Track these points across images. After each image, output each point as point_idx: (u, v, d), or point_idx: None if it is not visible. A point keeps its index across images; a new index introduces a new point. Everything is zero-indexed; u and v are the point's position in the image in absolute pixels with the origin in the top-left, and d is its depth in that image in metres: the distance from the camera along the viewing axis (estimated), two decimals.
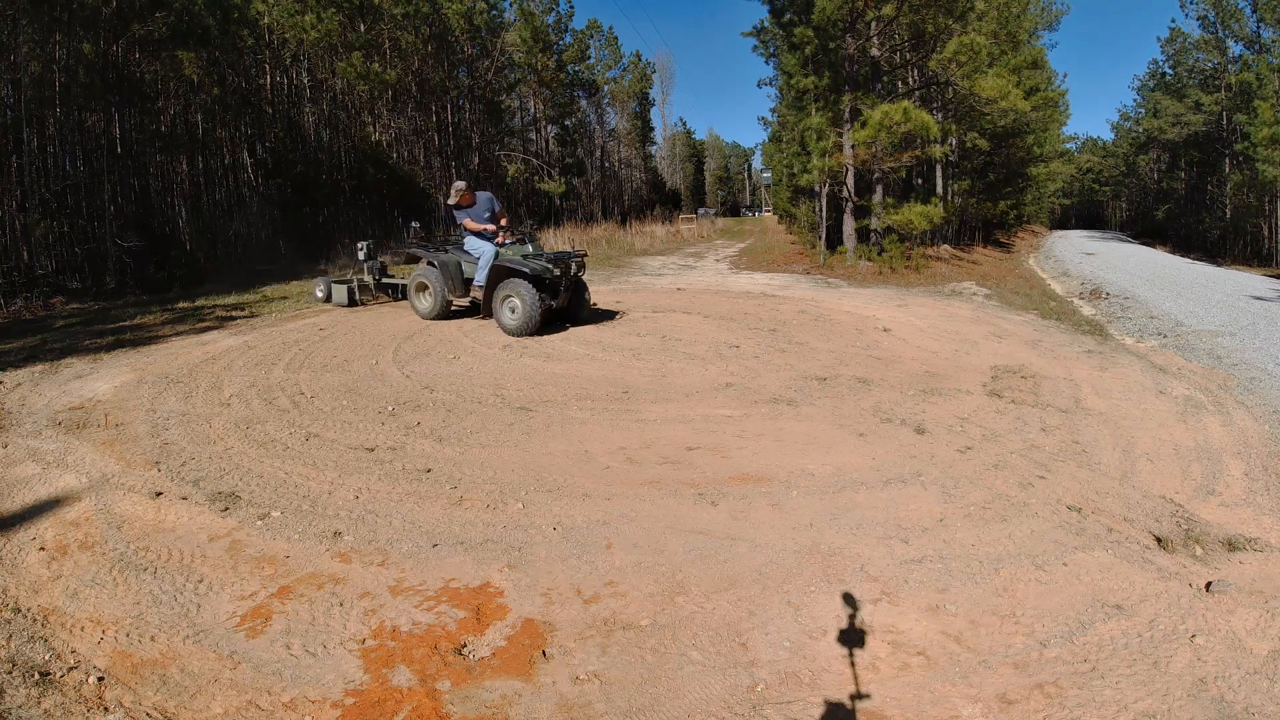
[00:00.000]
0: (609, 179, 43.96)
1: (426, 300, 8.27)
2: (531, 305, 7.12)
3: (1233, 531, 3.29)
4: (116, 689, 2.22)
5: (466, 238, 7.95)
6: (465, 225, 7.82)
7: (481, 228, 7.79)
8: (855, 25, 14.63)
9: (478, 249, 7.80)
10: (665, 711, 2.15)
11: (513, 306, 7.29)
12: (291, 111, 19.78)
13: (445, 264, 7.98)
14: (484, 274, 7.58)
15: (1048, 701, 2.18)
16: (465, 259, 8.02)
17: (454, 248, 8.21)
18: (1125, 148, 51.56)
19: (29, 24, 11.52)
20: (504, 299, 7.32)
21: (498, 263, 7.41)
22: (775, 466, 4.03)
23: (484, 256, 7.65)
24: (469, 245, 7.95)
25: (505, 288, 7.28)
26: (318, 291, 9.74)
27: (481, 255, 7.70)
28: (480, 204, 7.91)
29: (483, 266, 7.64)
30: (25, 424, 4.64)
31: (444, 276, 7.99)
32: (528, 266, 7.22)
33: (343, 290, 9.43)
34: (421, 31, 22.61)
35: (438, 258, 8.04)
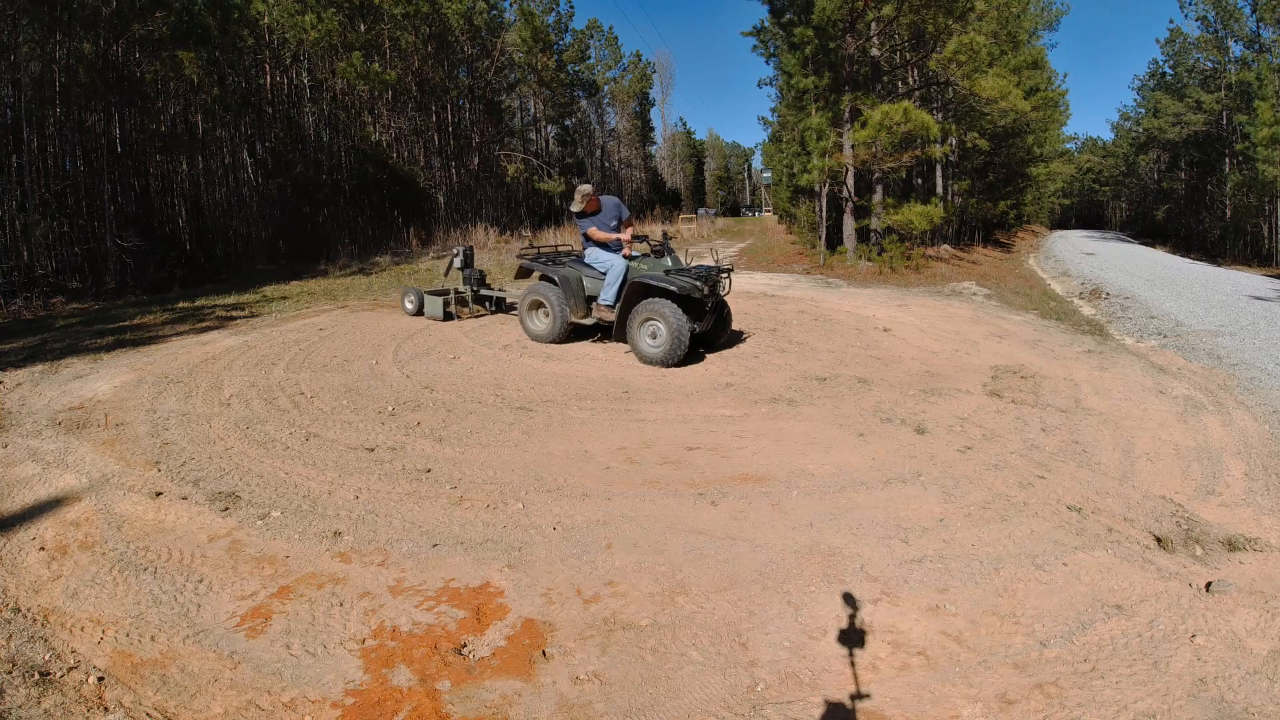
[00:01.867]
0: (609, 179, 43.95)
1: (541, 320, 7.22)
2: (679, 330, 6.03)
3: (1233, 531, 3.29)
4: (116, 689, 2.22)
5: (589, 249, 6.98)
6: (590, 235, 6.86)
7: (609, 237, 6.82)
8: (855, 25, 14.63)
9: (604, 262, 6.76)
10: (665, 711, 2.15)
11: (654, 331, 6.21)
12: (291, 111, 19.78)
13: (568, 280, 6.85)
14: (613, 291, 6.57)
15: (1048, 701, 2.18)
16: (587, 274, 6.96)
17: (572, 260, 7.20)
18: (1125, 148, 51.57)
19: (29, 24, 11.52)
20: (643, 322, 6.25)
21: (637, 279, 6.33)
22: (775, 466, 4.03)
23: (612, 271, 6.60)
24: (592, 258, 6.93)
25: (645, 309, 6.20)
26: (407, 303, 8.68)
27: (609, 270, 6.63)
28: (606, 210, 6.97)
29: (611, 283, 6.58)
30: (25, 424, 4.64)
31: (566, 294, 6.86)
32: (673, 283, 6.12)
33: (438, 303, 8.33)
34: (421, 31, 22.62)
35: (558, 272, 6.93)
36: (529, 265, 7.38)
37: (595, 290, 6.85)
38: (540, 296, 7.09)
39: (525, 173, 29.08)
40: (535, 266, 7.26)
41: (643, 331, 6.30)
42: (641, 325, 6.29)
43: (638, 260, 6.69)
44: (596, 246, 6.91)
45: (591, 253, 6.95)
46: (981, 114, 18.22)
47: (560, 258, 7.39)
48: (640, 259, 6.73)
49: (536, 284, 7.21)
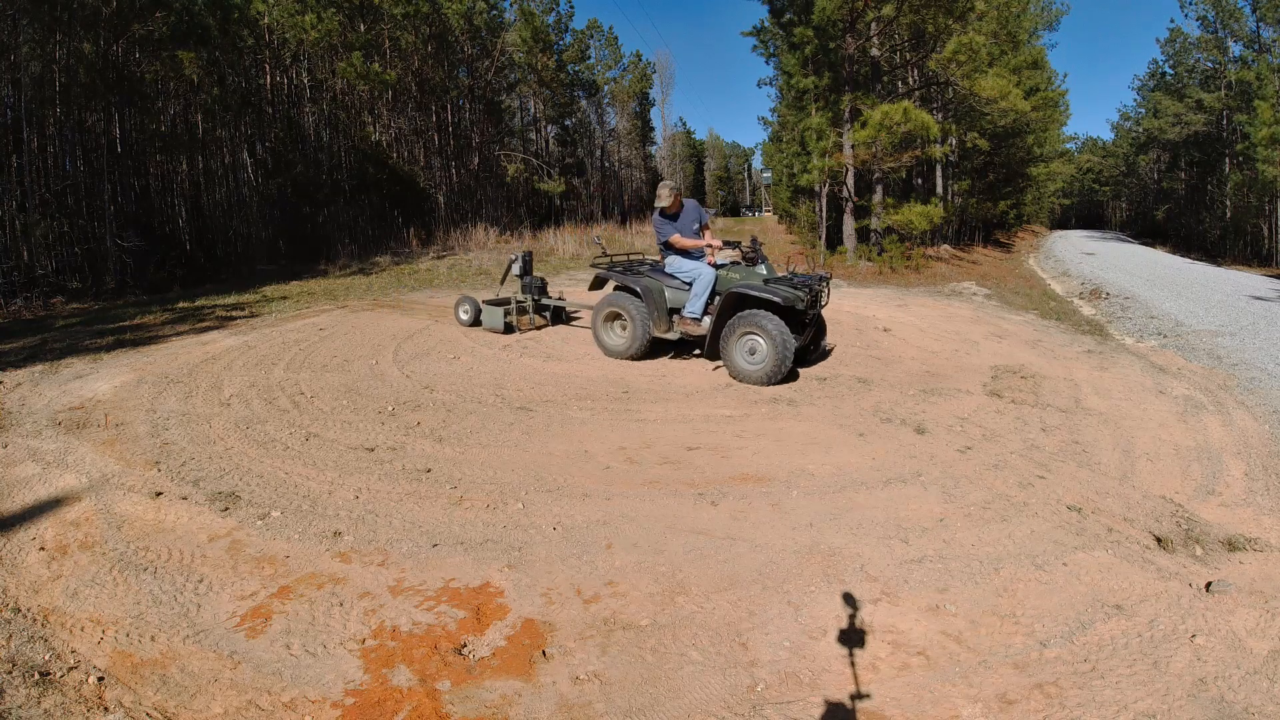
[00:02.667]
0: (609, 179, 43.95)
1: (619, 335, 6.60)
2: (784, 346, 5.47)
3: (1233, 531, 3.29)
4: (116, 689, 2.22)
5: (669, 257, 6.42)
6: (673, 242, 6.28)
7: (696, 244, 6.26)
8: (855, 25, 14.63)
9: (688, 271, 6.25)
10: (665, 711, 2.15)
11: (753, 347, 5.66)
12: (291, 111, 19.78)
13: (650, 290, 6.29)
14: (700, 303, 6.08)
15: (1048, 701, 2.18)
16: (669, 284, 6.40)
17: (650, 268, 6.68)
18: (1125, 148, 51.55)
19: (29, 24, 11.52)
20: (741, 336, 5.69)
21: (735, 289, 5.78)
22: (775, 466, 4.03)
23: (699, 281, 6.07)
24: (674, 266, 6.39)
25: (744, 323, 5.65)
26: (461, 314, 8.04)
27: (696, 279, 6.12)
28: (686, 213, 6.39)
29: (699, 294, 6.07)
30: (25, 424, 4.64)
31: (649, 306, 6.29)
32: (776, 294, 5.55)
33: (497, 314, 7.65)
34: (421, 31, 22.62)
35: (639, 282, 6.34)
36: (607, 275, 6.77)
37: (677, 302, 6.32)
38: (619, 308, 6.47)
39: (525, 173, 29.07)
40: (613, 276, 6.64)
41: (740, 347, 5.73)
42: (739, 340, 5.71)
43: (725, 268, 6.12)
44: (677, 254, 6.36)
45: (673, 261, 6.39)
46: (981, 114, 18.22)
47: (638, 266, 6.86)
48: (728, 267, 6.14)
49: (613, 294, 6.59)
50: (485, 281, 13.08)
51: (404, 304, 10.11)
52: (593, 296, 7.28)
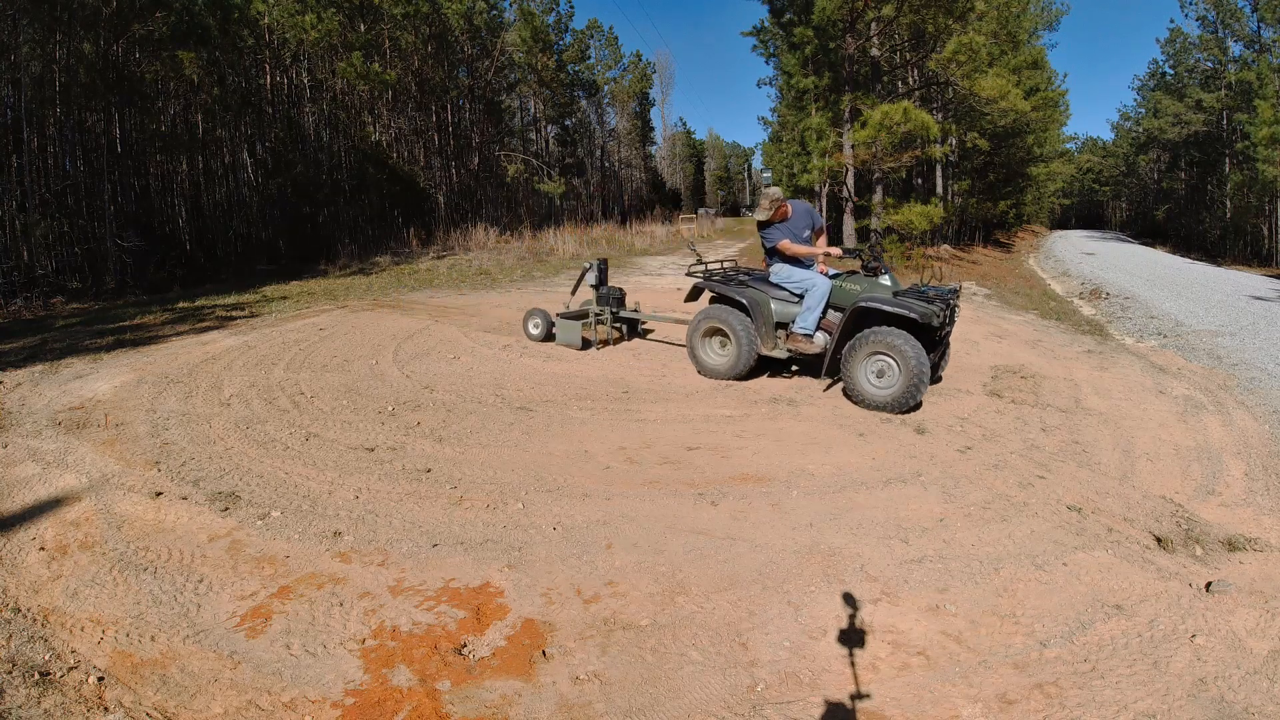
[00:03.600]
0: (609, 179, 43.96)
1: (719, 353, 5.98)
2: (919, 368, 4.85)
3: (1233, 531, 3.29)
4: (116, 689, 2.22)
5: (776, 266, 5.77)
6: (782, 249, 5.63)
7: (811, 251, 5.63)
8: (855, 25, 14.63)
9: (799, 281, 5.60)
10: (665, 711, 2.15)
11: (882, 369, 5.03)
12: (291, 111, 19.78)
13: (756, 303, 5.69)
14: (813, 318, 5.47)
15: (1048, 701, 2.18)
16: (775, 295, 5.77)
17: (753, 278, 5.98)
18: (1125, 148, 51.57)
19: (29, 24, 11.52)
20: (868, 356, 5.06)
21: (863, 303, 5.13)
22: (775, 466, 4.03)
23: (813, 293, 5.45)
24: (781, 275, 5.73)
25: (872, 341, 5.02)
26: (531, 328, 7.37)
27: (809, 291, 5.49)
28: (797, 217, 5.77)
29: (811, 307, 5.46)
30: (25, 424, 4.64)
31: (756, 320, 5.69)
32: (912, 309, 4.91)
33: (574, 328, 6.98)
34: (421, 31, 22.63)
35: (745, 294, 5.73)
36: (709, 286, 6.05)
37: (784, 315, 5.70)
38: (720, 323, 5.84)
39: (525, 173, 29.08)
40: (715, 287, 5.96)
41: (866, 368, 5.09)
42: (865, 360, 5.07)
43: (841, 279, 5.49)
44: (786, 263, 5.73)
45: (781, 270, 5.73)
46: (981, 114, 18.22)
47: (739, 275, 6.19)
48: (844, 277, 5.51)
49: (713, 307, 5.98)
50: (485, 282, 13.08)
51: (404, 304, 10.11)
52: (657, 303, 7.01)
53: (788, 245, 5.61)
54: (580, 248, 19.23)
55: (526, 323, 7.47)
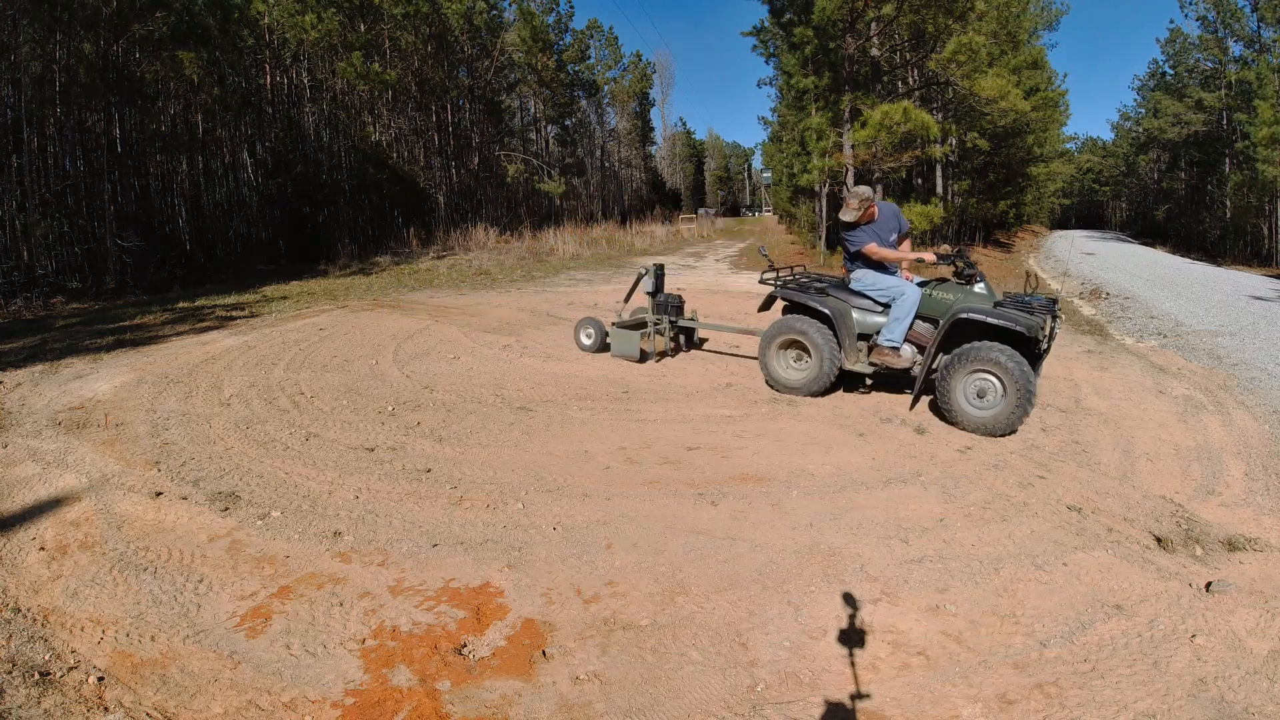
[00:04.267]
0: (609, 179, 43.96)
1: (795, 367, 5.50)
2: (1025, 389, 4.42)
3: (1233, 531, 3.29)
4: (116, 689, 2.22)
5: (858, 272, 5.32)
6: (869, 252, 5.15)
7: (902, 256, 5.24)
8: (855, 25, 14.63)
9: (885, 290, 5.16)
10: (665, 711, 2.15)
11: (983, 389, 4.57)
12: (291, 111, 19.79)
13: (839, 314, 5.24)
14: (901, 329, 4.99)
15: (1048, 701, 2.18)
16: (857, 304, 5.30)
17: (831, 286, 5.51)
18: (1125, 148, 51.59)
19: (29, 24, 11.52)
20: (969, 374, 4.59)
21: (963, 315, 4.66)
22: (775, 466, 4.03)
23: (902, 302, 5.00)
24: (865, 282, 5.27)
25: (974, 357, 4.55)
26: (583, 339, 6.96)
27: (896, 300, 5.04)
28: (883, 219, 5.29)
29: (900, 317, 4.99)
30: (25, 424, 4.64)
31: (841, 332, 5.22)
32: (1017, 322, 4.47)
33: (631, 339, 6.49)
34: (421, 31, 22.63)
35: (825, 303, 5.27)
36: (785, 295, 5.56)
37: (866, 326, 5.25)
38: (797, 335, 5.35)
39: (525, 173, 29.09)
40: (793, 296, 5.48)
41: (965, 386, 4.62)
42: (966, 378, 4.61)
43: (931, 287, 5.06)
44: (870, 269, 5.27)
45: (864, 276, 5.27)
46: (981, 114, 18.22)
47: (814, 282, 5.69)
48: (934, 285, 5.07)
49: (789, 318, 5.48)
50: (485, 282, 13.08)
51: (404, 304, 10.11)
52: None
53: (875, 249, 5.14)
54: (580, 248, 19.23)
55: (579, 333, 7.03)
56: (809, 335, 5.32)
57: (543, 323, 8.61)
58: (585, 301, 10.35)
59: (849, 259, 5.38)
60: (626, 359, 6.55)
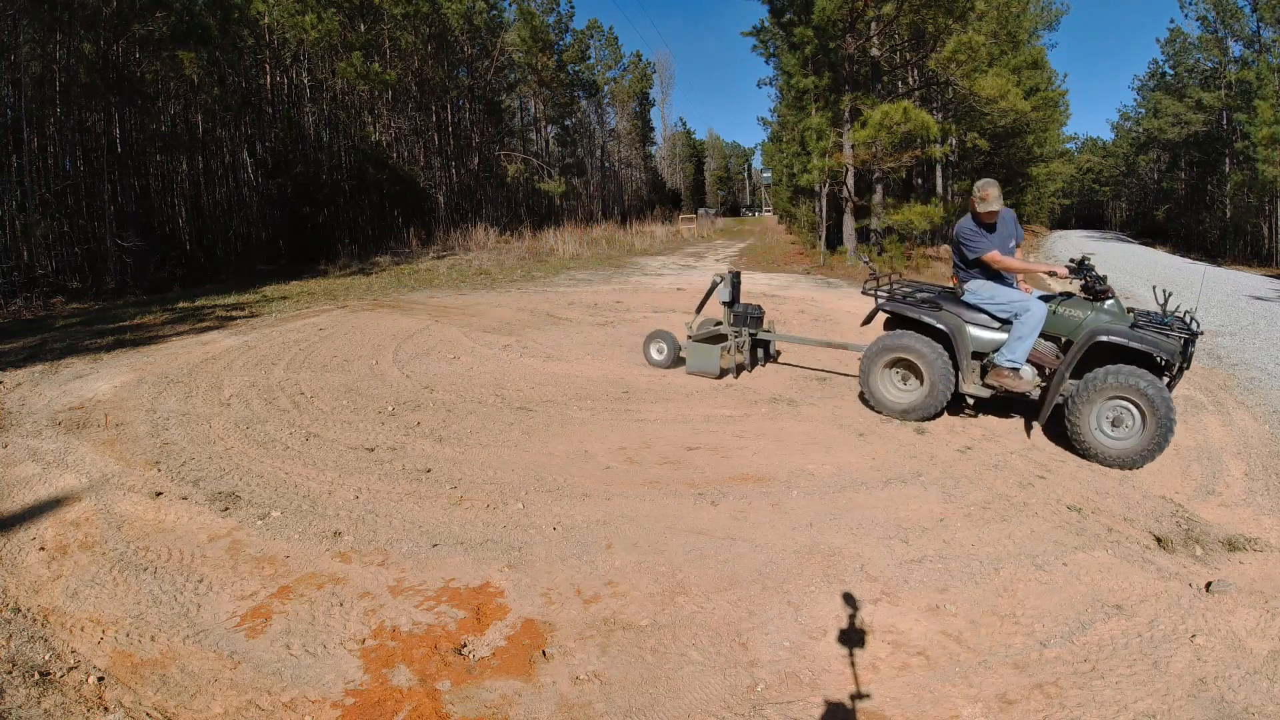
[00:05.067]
0: (609, 179, 43.96)
1: (902, 387, 5.00)
2: (1166, 419, 3.97)
3: (1233, 531, 3.29)
4: (116, 689, 2.22)
5: (975, 282, 4.77)
6: (991, 260, 4.61)
7: (1029, 267, 4.76)
8: (855, 25, 14.64)
9: (1009, 304, 4.61)
10: (665, 711, 2.15)
11: (1119, 418, 4.12)
12: (291, 111, 19.78)
13: (956, 330, 4.72)
14: (1023, 348, 4.48)
15: (1048, 701, 2.18)
16: (972, 319, 4.77)
17: (941, 297, 4.96)
18: (1125, 148, 51.58)
19: (29, 24, 11.52)
20: (1107, 401, 4.12)
21: (1104, 336, 4.23)
22: (775, 466, 4.03)
23: (1026, 319, 4.46)
24: (982, 295, 4.73)
25: (1113, 383, 4.08)
26: (653, 353, 6.42)
27: (1020, 316, 4.50)
28: (1003, 225, 4.75)
29: (1023, 335, 4.46)
30: (25, 424, 4.64)
31: (959, 351, 4.70)
32: (1158, 348, 4.09)
33: (710, 354, 5.96)
34: (421, 31, 22.63)
35: (942, 319, 4.75)
36: (895, 308, 5.01)
37: (983, 344, 4.73)
38: (908, 353, 4.84)
39: (525, 173, 29.09)
40: (905, 310, 4.94)
41: (1099, 416, 4.16)
42: (1102, 406, 4.14)
43: (1056, 302, 4.55)
44: (988, 280, 4.74)
45: (982, 288, 4.73)
46: (981, 114, 18.22)
47: (918, 291, 5.18)
48: (1059, 300, 4.56)
49: (897, 334, 4.95)
50: (485, 282, 13.08)
51: (404, 304, 10.11)
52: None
53: (997, 257, 4.60)
54: (580, 248, 19.24)
55: (648, 347, 6.49)
56: (921, 354, 4.77)
57: (543, 323, 8.61)
58: (586, 302, 10.35)
59: (963, 266, 4.83)
60: (703, 375, 6.04)
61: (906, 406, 4.91)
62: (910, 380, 4.98)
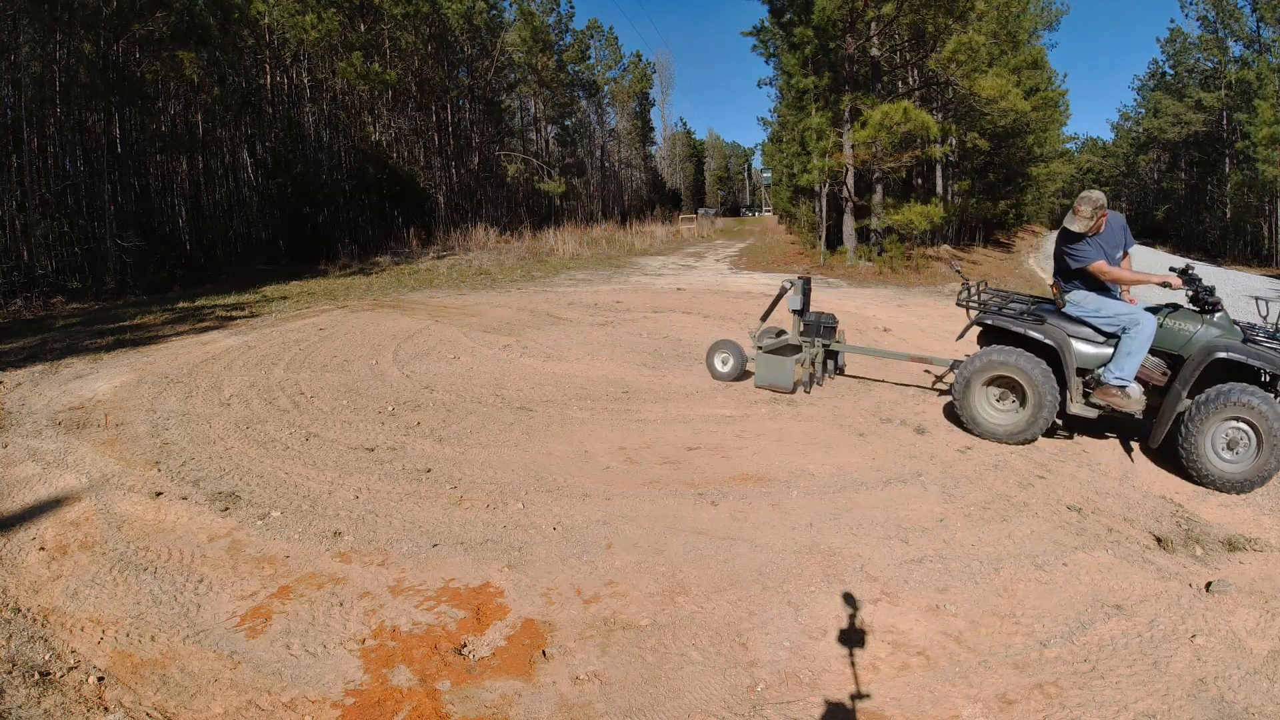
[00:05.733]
0: (609, 179, 43.97)
1: (1000, 407, 4.61)
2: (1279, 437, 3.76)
3: (1233, 531, 3.29)
4: (116, 689, 2.22)
5: (1078, 294, 4.44)
6: (1098, 270, 4.29)
7: (1140, 278, 4.36)
8: (855, 25, 14.64)
9: (1117, 317, 4.26)
10: (665, 711, 2.15)
11: (1234, 439, 3.88)
12: (291, 111, 19.78)
13: (1063, 346, 4.35)
14: (1132, 365, 4.15)
15: (1048, 701, 2.18)
16: (1075, 333, 4.43)
17: (1041, 310, 4.61)
18: (1125, 148, 51.58)
19: (29, 24, 11.52)
20: (1224, 422, 3.86)
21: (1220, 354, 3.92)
22: (775, 466, 4.03)
23: (1135, 333, 4.13)
24: (1086, 307, 4.40)
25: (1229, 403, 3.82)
26: (718, 365, 5.95)
27: (1129, 330, 4.17)
28: (1111, 232, 4.42)
29: (1132, 351, 4.14)
30: (25, 424, 4.64)
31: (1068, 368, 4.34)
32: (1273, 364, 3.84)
33: (784, 367, 5.52)
34: (421, 31, 22.63)
35: (1049, 334, 4.39)
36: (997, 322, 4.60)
37: (1087, 360, 4.39)
38: (1011, 370, 4.43)
39: (525, 173, 29.10)
40: (1009, 324, 4.54)
41: (1214, 436, 3.89)
42: (1218, 426, 3.87)
43: (1164, 315, 4.21)
44: (1092, 291, 4.41)
45: (1086, 300, 4.40)
46: (981, 114, 18.22)
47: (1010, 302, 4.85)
48: (1168, 313, 4.22)
49: (997, 350, 4.54)
50: (485, 282, 13.08)
51: (404, 304, 10.12)
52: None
53: (1104, 268, 4.28)
54: (580, 248, 19.24)
55: (712, 358, 6.00)
56: (1026, 372, 4.38)
57: (543, 323, 8.61)
58: (585, 302, 10.35)
59: (1066, 275, 4.50)
60: (774, 390, 5.60)
61: (1009, 428, 4.49)
62: (1008, 399, 4.60)
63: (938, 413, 5.11)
